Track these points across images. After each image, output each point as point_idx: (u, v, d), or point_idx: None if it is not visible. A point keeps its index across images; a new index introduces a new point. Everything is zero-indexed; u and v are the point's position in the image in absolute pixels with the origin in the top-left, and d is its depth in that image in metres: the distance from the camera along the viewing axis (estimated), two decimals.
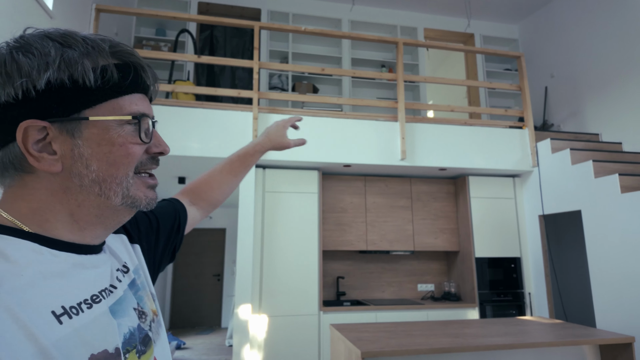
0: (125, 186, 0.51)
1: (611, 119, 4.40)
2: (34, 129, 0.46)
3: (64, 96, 0.47)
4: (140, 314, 0.56)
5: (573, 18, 5.00)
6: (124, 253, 0.61)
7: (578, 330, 2.70)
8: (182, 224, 0.82)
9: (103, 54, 0.49)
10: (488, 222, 4.26)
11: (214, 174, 0.94)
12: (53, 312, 0.43)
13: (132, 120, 0.51)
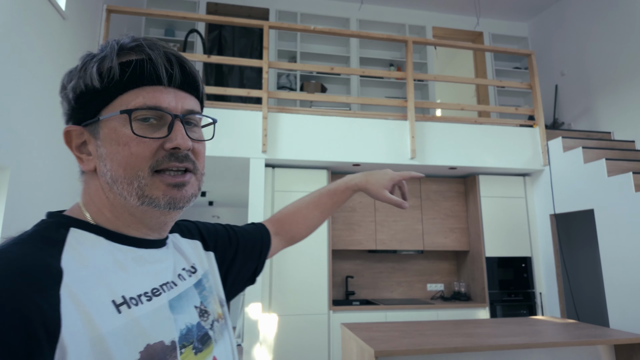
0: (138, 186, 0.50)
1: (623, 117, 4.35)
2: (75, 133, 0.53)
3: (84, 101, 0.51)
4: (202, 313, 0.57)
5: (583, 15, 4.95)
6: (194, 256, 0.64)
7: (592, 330, 2.67)
8: (264, 248, 0.83)
9: (111, 55, 0.50)
10: (498, 221, 4.22)
11: (301, 207, 0.91)
12: (113, 302, 0.45)
13: (138, 114, 0.50)
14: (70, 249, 0.46)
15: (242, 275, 0.78)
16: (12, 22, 2.31)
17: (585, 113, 4.88)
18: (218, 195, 6.29)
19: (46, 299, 0.40)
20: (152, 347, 0.46)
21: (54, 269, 0.43)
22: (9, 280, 0.39)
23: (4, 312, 0.37)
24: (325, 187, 0.92)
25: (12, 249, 0.43)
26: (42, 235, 0.47)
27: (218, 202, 7.22)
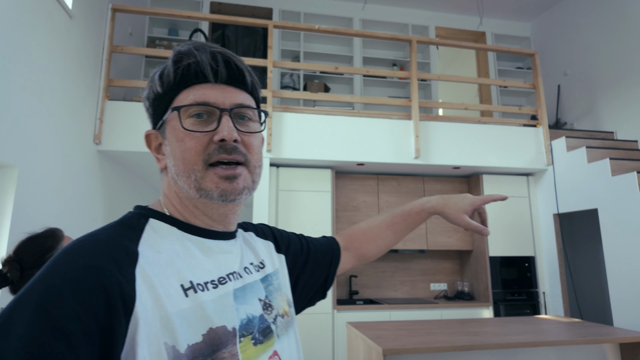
0: (194, 179, 0.54)
1: (626, 117, 4.36)
2: (153, 136, 0.60)
3: (155, 106, 0.58)
4: (266, 306, 0.60)
5: (586, 15, 4.97)
6: (265, 254, 0.68)
7: (598, 329, 2.68)
8: (334, 260, 0.84)
9: (169, 62, 0.56)
10: (502, 221, 4.23)
11: (373, 225, 0.90)
12: (182, 286, 0.50)
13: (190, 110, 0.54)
14: (147, 236, 0.52)
15: (311, 285, 0.79)
16: (20, 21, 2.31)
17: (587, 113, 4.89)
18: None
19: (124, 275, 0.45)
20: (214, 331, 0.49)
21: (131, 251, 0.48)
22: (95, 258, 0.45)
23: (89, 284, 0.42)
24: (399, 208, 0.91)
25: (100, 233, 0.50)
26: (125, 223, 0.53)
27: None
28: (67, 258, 0.44)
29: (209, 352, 0.48)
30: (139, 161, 3.78)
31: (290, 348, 0.61)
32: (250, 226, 0.73)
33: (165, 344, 0.45)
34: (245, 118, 0.58)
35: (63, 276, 0.42)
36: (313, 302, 0.81)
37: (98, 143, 3.31)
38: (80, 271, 0.43)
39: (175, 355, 0.45)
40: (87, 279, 0.42)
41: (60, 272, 0.43)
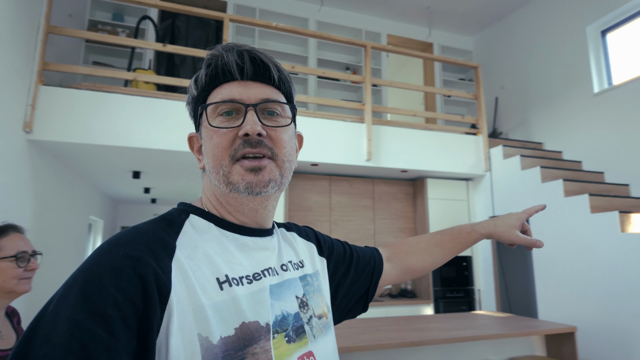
0: (223, 174, 0.56)
1: (553, 129, 4.82)
2: (195, 139, 0.63)
3: (194, 109, 0.61)
4: (303, 304, 0.60)
5: (522, 35, 5.42)
6: (305, 255, 0.69)
7: (527, 323, 2.93)
8: (377, 270, 0.82)
9: (204, 64, 0.58)
10: (443, 222, 4.48)
11: (421, 240, 0.89)
12: (217, 279, 0.52)
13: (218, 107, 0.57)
14: (186, 231, 0.55)
15: (352, 293, 0.78)
16: None
17: (521, 124, 5.34)
18: (164, 193, 6.00)
19: (160, 266, 0.47)
20: (246, 326, 0.50)
21: (169, 245, 0.51)
22: (134, 249, 0.47)
23: (127, 273, 0.45)
24: (448, 229, 0.90)
25: (142, 226, 0.53)
26: (167, 219, 0.56)
27: (163, 200, 6.88)
28: (109, 248, 0.47)
29: (240, 346, 0.49)
30: (75, 154, 3.49)
31: (327, 351, 0.60)
32: (294, 227, 0.74)
33: (199, 335, 0.46)
34: (275, 113, 0.58)
35: (104, 265, 0.45)
36: (353, 313, 0.80)
37: (29, 131, 3.00)
38: (120, 260, 0.45)
39: (208, 346, 0.46)
40: (125, 268, 0.45)
41: (101, 261, 0.45)
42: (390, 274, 0.85)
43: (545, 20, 5.06)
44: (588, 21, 4.47)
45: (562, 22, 4.80)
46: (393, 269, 0.86)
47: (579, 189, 3.60)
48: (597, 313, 3.15)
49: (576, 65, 4.56)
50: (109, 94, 3.27)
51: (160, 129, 3.36)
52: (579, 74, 4.51)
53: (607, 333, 3.06)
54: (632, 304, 2.91)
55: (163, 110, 3.41)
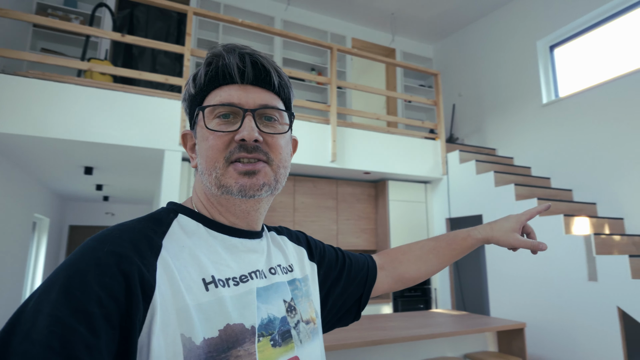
0: (215, 176, 0.56)
1: (505, 136, 5.11)
2: (189, 136, 0.62)
3: (190, 108, 0.60)
4: (290, 308, 0.59)
5: (479, 46, 5.70)
6: (295, 259, 0.68)
7: (481, 320, 3.08)
8: (370, 277, 0.80)
9: (203, 63, 0.58)
10: (403, 223, 4.61)
11: (415, 247, 0.86)
12: (203, 280, 0.51)
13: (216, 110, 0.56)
14: (173, 230, 0.54)
15: (343, 301, 0.76)
16: None
17: (476, 131, 5.61)
18: (117, 190, 5.70)
19: (145, 264, 0.47)
20: (231, 328, 0.50)
21: (155, 243, 0.50)
22: (119, 246, 0.47)
23: (112, 270, 0.44)
24: (443, 235, 0.88)
25: (128, 224, 0.52)
26: (154, 217, 0.55)
27: (115, 198, 6.54)
28: (94, 244, 0.46)
29: (224, 348, 0.48)
30: (19, 146, 3.24)
31: (314, 357, 0.59)
32: (285, 230, 0.74)
33: (182, 335, 0.46)
34: (272, 119, 0.59)
35: (88, 261, 0.44)
36: (345, 321, 0.78)
37: None
38: (104, 257, 0.45)
39: (190, 347, 0.46)
40: (109, 264, 0.44)
41: (86, 257, 0.45)
42: (383, 283, 0.83)
43: (500, 33, 5.35)
44: (538, 36, 4.78)
45: (515, 35, 5.10)
46: (386, 278, 0.83)
47: (528, 193, 3.84)
48: (544, 310, 3.37)
49: (527, 77, 4.87)
50: (60, 84, 3.07)
51: (117, 123, 3.20)
52: (530, 85, 4.81)
53: (552, 328, 3.29)
54: (574, 301, 3.14)
55: (120, 104, 3.24)
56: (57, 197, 6.27)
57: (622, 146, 3.73)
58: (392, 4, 5.47)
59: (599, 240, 3.09)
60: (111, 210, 7.20)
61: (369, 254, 0.88)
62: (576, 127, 4.19)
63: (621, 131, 3.76)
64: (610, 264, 2.92)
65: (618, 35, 4.07)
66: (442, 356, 2.88)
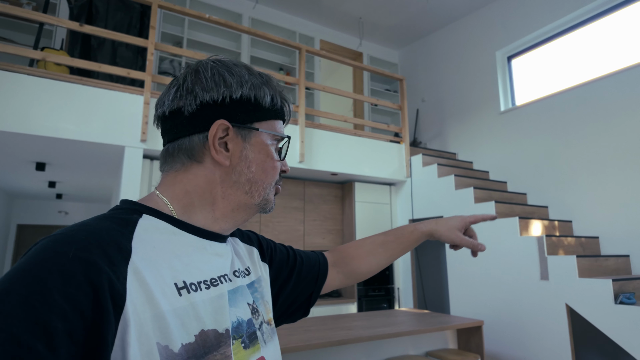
0: (267, 192, 0.61)
1: (465, 142, 5.31)
2: (222, 128, 0.57)
3: (247, 108, 0.59)
4: (254, 311, 0.61)
5: (442, 54, 5.90)
6: (249, 261, 0.69)
7: (442, 318, 3.19)
8: (321, 275, 0.83)
9: (272, 87, 0.62)
10: (368, 224, 4.69)
11: (365, 242, 0.89)
12: (175, 284, 0.49)
13: (281, 139, 0.63)
14: (140, 232, 0.50)
15: (294, 298, 0.78)
16: None
17: (437, 136, 5.80)
18: (71, 187, 5.40)
19: (115, 272, 0.43)
20: (205, 333, 0.49)
21: (124, 247, 0.46)
22: (86, 250, 0.42)
23: (78, 280, 0.40)
24: (391, 230, 0.90)
25: (92, 223, 0.47)
26: (117, 217, 0.51)
27: (70, 196, 6.19)
28: (56, 247, 0.42)
29: (202, 352, 0.48)
30: None
31: (276, 356, 0.62)
32: (237, 231, 0.73)
33: (158, 344, 0.44)
34: None
35: (50, 268, 0.40)
36: (294, 317, 0.80)
37: None
38: (70, 264, 0.40)
39: (168, 355, 0.44)
40: (76, 273, 0.40)
41: (47, 263, 0.40)
42: (335, 279, 0.85)
43: (461, 42, 5.57)
44: (497, 47, 5.02)
45: (476, 45, 5.32)
46: (338, 274, 0.86)
47: (486, 197, 4.01)
48: (500, 308, 3.53)
49: (486, 85, 5.09)
50: (10, 73, 2.87)
51: (73, 116, 3.03)
52: (489, 93, 5.04)
53: (508, 325, 3.45)
54: (527, 299, 3.32)
55: (77, 96, 3.08)
56: (3, 194, 5.84)
57: (572, 154, 3.99)
58: (360, 9, 5.55)
59: (550, 241, 3.28)
60: (64, 209, 6.81)
61: (321, 251, 0.89)
62: (531, 134, 4.43)
63: (571, 139, 4.02)
64: (560, 263, 3.11)
65: (570, 49, 4.35)
66: (405, 354, 2.94)
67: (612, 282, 2.81)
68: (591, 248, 3.58)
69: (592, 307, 2.88)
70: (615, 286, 2.81)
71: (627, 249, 3.46)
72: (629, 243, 3.46)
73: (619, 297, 2.78)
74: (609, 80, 3.77)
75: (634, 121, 3.53)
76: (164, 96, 0.59)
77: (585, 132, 3.90)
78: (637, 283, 2.96)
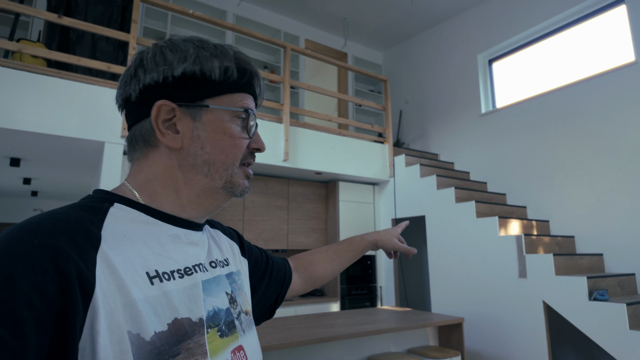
0: (230, 173, 0.57)
1: (447, 143, 5.40)
2: (165, 109, 0.55)
3: (193, 85, 0.55)
4: (232, 300, 0.61)
5: (425, 56, 5.98)
6: (229, 253, 0.68)
7: (423, 316, 3.23)
8: (287, 279, 0.86)
9: (228, 57, 0.58)
10: (352, 223, 4.71)
11: (321, 250, 0.97)
12: (147, 273, 0.48)
13: (241, 113, 0.58)
14: (111, 220, 0.49)
15: (264, 300, 0.80)
16: None
17: (420, 137, 5.87)
18: (47, 184, 5.25)
19: (84, 260, 0.42)
20: (179, 322, 0.49)
21: (93, 235, 0.46)
22: (53, 237, 0.41)
23: (44, 267, 0.39)
24: (344, 239, 1.00)
25: (60, 211, 0.46)
26: (87, 206, 0.50)
27: (45, 193, 6.01)
28: (21, 235, 0.41)
29: (174, 341, 0.47)
30: None
31: (254, 346, 0.62)
32: (218, 224, 0.73)
33: (129, 333, 0.43)
34: None
35: (15, 256, 0.39)
36: (260, 320, 0.81)
37: None
38: (36, 251, 0.39)
39: (139, 344, 0.43)
40: (42, 260, 0.39)
41: (12, 251, 0.39)
42: (296, 284, 0.90)
43: (444, 45, 5.66)
44: (478, 50, 5.12)
45: (458, 48, 5.42)
46: (298, 279, 0.91)
47: (467, 196, 4.09)
48: (479, 305, 3.60)
49: (468, 88, 5.19)
50: None
51: (51, 111, 2.95)
52: (470, 96, 5.14)
53: (487, 322, 3.52)
54: (506, 296, 3.39)
55: (55, 90, 2.99)
56: None
57: (549, 156, 4.11)
58: (345, 9, 5.58)
59: (528, 240, 3.37)
60: (40, 207, 6.61)
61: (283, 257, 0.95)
62: (510, 136, 4.54)
63: (548, 142, 4.14)
64: (537, 262, 3.20)
65: (548, 53, 4.48)
66: (387, 352, 2.97)
67: (587, 279, 2.91)
68: (567, 247, 3.69)
69: (568, 304, 2.97)
70: (589, 283, 2.91)
71: (601, 248, 3.59)
72: (602, 242, 3.58)
73: (593, 293, 2.88)
74: (584, 85, 3.90)
75: (608, 125, 3.66)
76: (118, 87, 0.58)
77: (561, 135, 4.02)
78: (610, 280, 3.07)
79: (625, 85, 3.60)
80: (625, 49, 3.75)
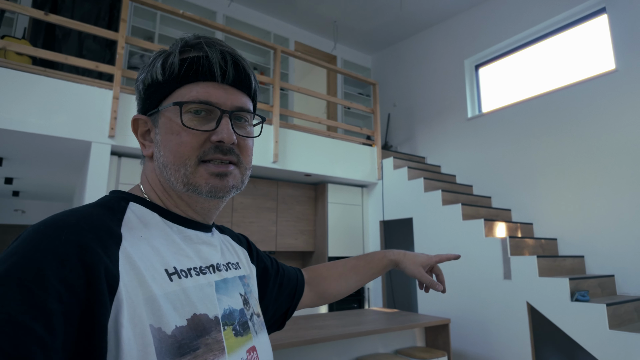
0: (184, 173, 0.54)
1: (434, 146, 5.48)
2: (141, 122, 0.59)
3: (150, 92, 0.57)
4: (245, 301, 0.61)
5: (413, 60, 6.06)
6: (240, 257, 0.69)
7: (410, 317, 3.27)
8: (298, 290, 0.83)
9: (174, 52, 0.55)
10: (340, 225, 4.73)
11: (338, 264, 0.90)
12: (166, 270, 0.50)
13: (191, 106, 0.54)
14: (128, 219, 0.51)
15: (273, 310, 0.78)
16: None
17: (408, 140, 5.94)
18: (30, 185, 5.13)
19: (108, 255, 0.44)
20: (197, 317, 0.50)
21: (114, 232, 0.47)
22: (79, 234, 0.43)
23: (72, 263, 0.41)
24: (363, 255, 0.92)
25: (82, 209, 0.48)
26: (106, 205, 0.52)
27: (28, 193, 5.87)
28: (48, 231, 0.42)
29: (194, 336, 0.48)
30: None
31: (266, 347, 0.63)
32: (227, 230, 0.74)
33: (151, 326, 0.44)
34: (242, 120, 0.59)
35: (44, 251, 0.40)
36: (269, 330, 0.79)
37: None
38: (63, 247, 0.41)
39: (161, 337, 0.45)
40: (70, 256, 0.41)
41: (40, 246, 0.40)
42: (307, 297, 0.86)
43: (432, 50, 5.74)
44: (465, 55, 5.21)
45: (446, 53, 5.51)
46: (310, 292, 0.87)
47: (453, 199, 4.16)
48: (465, 306, 3.66)
49: (455, 92, 5.27)
50: None
51: (35, 109, 2.90)
52: (457, 100, 5.22)
53: (473, 323, 3.58)
54: (491, 297, 3.46)
55: (40, 89, 2.94)
56: None
57: (533, 160, 4.20)
58: (334, 12, 5.62)
59: (513, 242, 3.44)
60: (21, 207, 6.45)
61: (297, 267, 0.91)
62: (496, 140, 4.63)
63: (532, 146, 4.23)
64: (522, 263, 3.27)
65: (533, 60, 4.59)
66: (375, 352, 3.00)
67: (569, 280, 2.98)
68: (550, 249, 3.78)
69: (551, 305, 3.04)
70: (571, 285, 2.99)
71: (582, 250, 3.69)
72: (583, 245, 3.68)
73: (575, 294, 2.96)
74: (567, 91, 4.01)
75: (589, 130, 3.77)
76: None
77: (545, 140, 4.12)
78: (591, 282, 3.16)
79: (605, 92, 3.71)
80: (606, 57, 3.87)
